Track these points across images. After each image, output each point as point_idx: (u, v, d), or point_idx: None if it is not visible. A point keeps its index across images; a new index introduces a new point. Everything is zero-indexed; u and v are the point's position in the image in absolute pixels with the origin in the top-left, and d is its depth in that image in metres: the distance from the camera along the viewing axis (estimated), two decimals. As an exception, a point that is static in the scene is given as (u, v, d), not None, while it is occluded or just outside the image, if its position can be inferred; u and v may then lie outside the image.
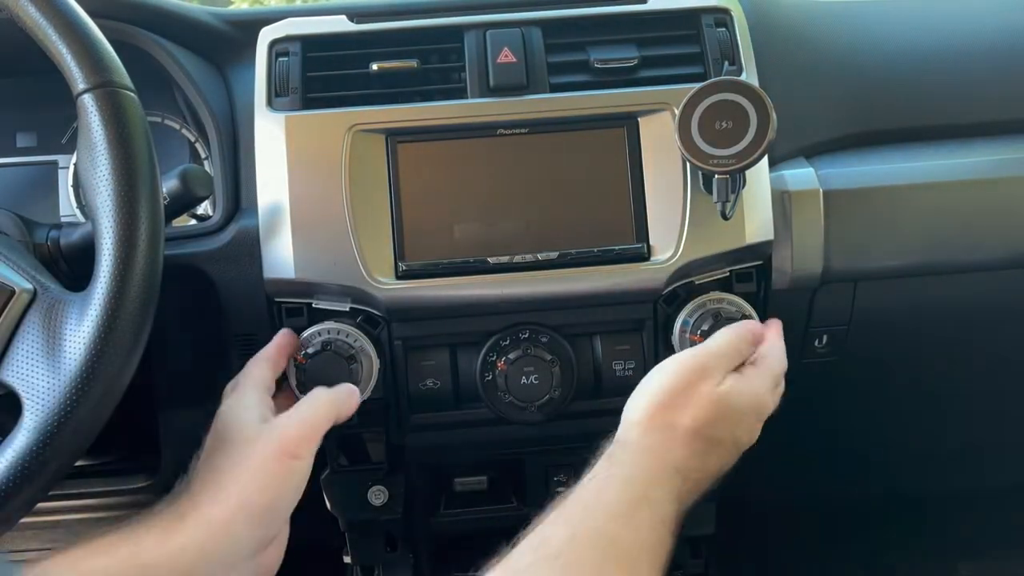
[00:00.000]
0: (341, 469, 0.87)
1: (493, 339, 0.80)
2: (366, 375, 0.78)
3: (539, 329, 0.80)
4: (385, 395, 0.81)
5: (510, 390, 0.79)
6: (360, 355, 0.77)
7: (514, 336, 0.80)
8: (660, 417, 0.66)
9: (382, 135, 0.79)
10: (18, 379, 0.59)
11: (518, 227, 0.80)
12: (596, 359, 0.83)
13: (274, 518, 0.65)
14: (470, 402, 0.83)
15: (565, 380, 0.80)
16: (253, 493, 0.63)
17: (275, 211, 0.79)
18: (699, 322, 0.79)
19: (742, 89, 0.74)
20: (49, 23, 0.61)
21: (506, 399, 0.80)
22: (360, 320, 0.80)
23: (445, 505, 0.92)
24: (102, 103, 0.61)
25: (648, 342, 0.82)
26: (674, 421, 0.66)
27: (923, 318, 0.93)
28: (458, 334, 0.82)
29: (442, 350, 0.82)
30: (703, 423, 0.66)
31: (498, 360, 0.80)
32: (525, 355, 0.79)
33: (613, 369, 0.82)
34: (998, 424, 1.15)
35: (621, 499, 0.61)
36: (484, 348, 0.80)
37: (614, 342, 0.82)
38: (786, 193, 0.83)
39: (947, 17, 0.98)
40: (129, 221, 0.59)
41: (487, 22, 0.83)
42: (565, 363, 0.80)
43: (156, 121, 0.94)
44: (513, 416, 0.80)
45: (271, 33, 0.83)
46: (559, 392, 0.79)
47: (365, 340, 0.78)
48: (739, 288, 0.82)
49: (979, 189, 0.86)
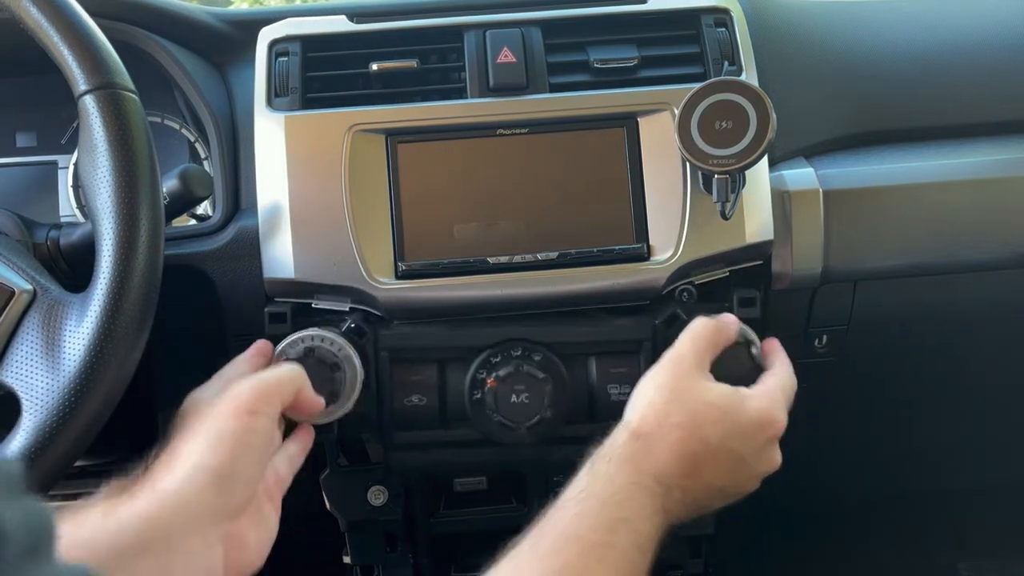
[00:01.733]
0: (341, 469, 0.87)
1: (483, 355, 0.78)
2: (349, 385, 0.75)
3: (532, 346, 0.78)
4: (367, 410, 0.79)
5: (499, 409, 0.76)
6: (344, 364, 0.75)
7: (505, 352, 0.78)
8: (646, 423, 0.65)
9: (382, 135, 0.79)
10: (17, 380, 0.59)
11: (518, 227, 0.79)
12: (591, 381, 0.80)
13: (234, 482, 0.59)
14: (457, 422, 0.80)
15: (557, 400, 0.77)
16: (205, 455, 0.58)
17: (275, 211, 0.79)
18: None
19: (742, 89, 0.74)
20: (51, 24, 0.61)
21: (495, 418, 0.77)
22: (346, 329, 0.78)
23: (445, 505, 0.92)
24: (103, 104, 0.61)
25: (645, 365, 0.77)
26: (658, 428, 0.65)
27: (923, 318, 0.93)
28: (447, 348, 0.80)
29: (429, 365, 0.80)
30: (690, 432, 0.64)
31: (488, 377, 0.77)
32: (516, 372, 0.77)
33: (608, 393, 0.80)
34: (998, 424, 1.15)
35: (597, 526, 0.59)
36: (474, 364, 0.78)
37: (610, 364, 0.80)
38: (786, 193, 0.83)
39: (947, 17, 0.98)
40: (129, 223, 0.59)
41: (487, 22, 0.83)
42: (558, 382, 0.77)
43: (156, 121, 0.94)
44: (502, 437, 0.77)
45: (271, 33, 0.83)
46: (551, 412, 0.77)
47: (350, 349, 0.75)
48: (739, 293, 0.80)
49: (979, 189, 0.86)
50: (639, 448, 0.64)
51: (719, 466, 0.66)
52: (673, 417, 0.65)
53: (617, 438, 0.65)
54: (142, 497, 0.55)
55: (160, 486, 0.56)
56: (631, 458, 0.63)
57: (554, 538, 0.58)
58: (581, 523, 0.59)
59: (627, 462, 0.63)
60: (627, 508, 0.60)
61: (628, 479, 0.62)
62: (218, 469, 0.58)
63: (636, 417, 0.66)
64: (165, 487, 0.56)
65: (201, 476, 0.57)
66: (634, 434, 0.65)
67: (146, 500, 0.55)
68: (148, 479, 0.58)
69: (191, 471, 0.57)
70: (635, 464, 0.63)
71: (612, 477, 0.62)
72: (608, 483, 0.62)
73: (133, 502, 0.55)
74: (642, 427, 0.65)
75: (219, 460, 0.58)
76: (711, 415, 0.66)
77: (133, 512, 0.54)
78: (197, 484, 0.57)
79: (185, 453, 0.59)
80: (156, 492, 0.56)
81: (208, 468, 0.58)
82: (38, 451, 0.57)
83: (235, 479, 0.59)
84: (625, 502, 0.61)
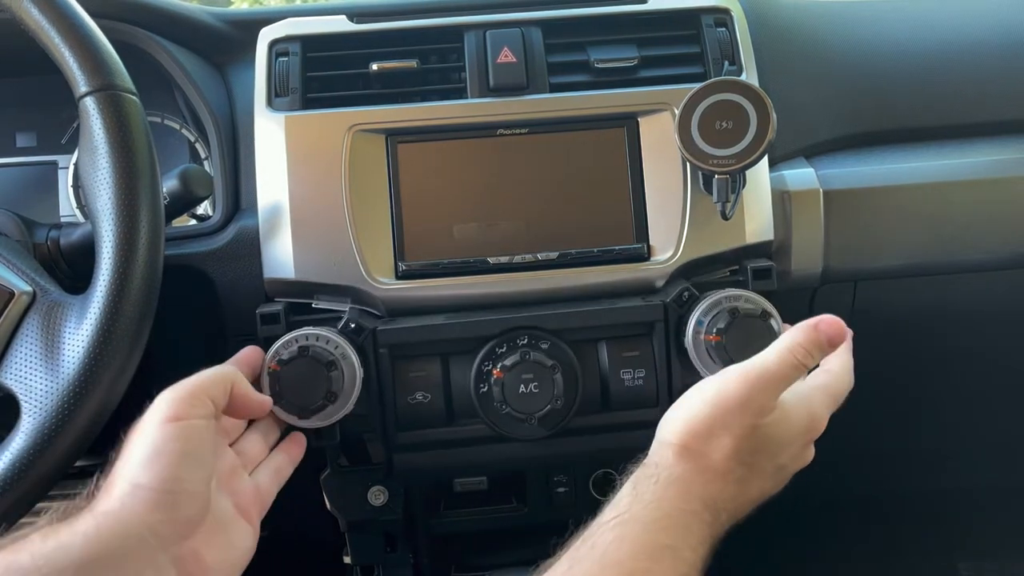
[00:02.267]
0: (341, 469, 0.87)
1: (488, 345, 0.76)
2: (348, 384, 0.73)
3: (539, 334, 0.76)
4: (369, 411, 0.77)
5: (507, 400, 0.74)
6: (341, 362, 0.73)
7: (511, 342, 0.76)
8: (695, 443, 0.59)
9: (382, 135, 0.79)
10: (17, 381, 0.59)
11: (518, 227, 0.79)
12: (602, 367, 0.78)
13: (176, 497, 0.55)
14: (465, 418, 0.78)
15: (568, 388, 0.75)
16: (138, 472, 0.55)
17: (275, 211, 0.79)
18: (715, 321, 0.74)
19: (742, 89, 0.74)
20: (52, 25, 0.61)
21: (503, 411, 0.75)
22: (343, 327, 0.76)
23: (445, 505, 0.92)
24: (104, 106, 0.61)
25: (659, 347, 0.77)
26: (710, 450, 0.59)
27: (923, 318, 0.93)
28: (450, 341, 0.77)
29: (432, 359, 0.78)
30: (745, 452, 0.59)
31: (494, 368, 0.75)
32: (523, 361, 0.75)
33: (621, 378, 0.77)
34: (998, 424, 1.15)
35: (638, 552, 0.55)
36: (479, 356, 0.76)
37: (621, 348, 0.78)
38: (786, 193, 0.83)
39: (947, 17, 0.98)
40: (129, 225, 0.59)
41: (487, 22, 0.83)
42: (567, 369, 0.75)
43: (156, 121, 0.94)
44: (512, 430, 0.75)
45: (271, 33, 0.83)
46: (562, 402, 0.75)
47: (347, 346, 0.73)
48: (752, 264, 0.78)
49: (979, 189, 0.86)
50: (689, 469, 0.59)
51: (764, 482, 0.62)
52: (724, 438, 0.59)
53: (663, 456, 0.60)
54: (82, 521, 0.52)
55: (99, 508, 0.53)
56: (680, 480, 0.59)
57: (591, 563, 0.55)
58: (621, 548, 0.55)
59: (675, 484, 0.58)
60: (672, 534, 0.56)
61: (675, 504, 0.57)
62: (155, 485, 0.54)
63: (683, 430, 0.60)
64: (104, 509, 0.53)
65: (139, 494, 0.54)
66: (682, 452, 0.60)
67: (85, 524, 0.52)
68: (89, 503, 0.55)
69: (128, 490, 0.54)
70: (684, 487, 0.58)
71: (658, 500, 0.58)
72: (653, 506, 0.57)
73: (73, 526, 0.52)
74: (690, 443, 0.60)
75: (154, 475, 0.55)
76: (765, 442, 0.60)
77: (73, 537, 0.51)
78: (135, 503, 0.54)
79: (121, 472, 0.55)
80: (95, 515, 0.53)
81: (144, 486, 0.54)
82: (38, 452, 0.57)
83: (176, 494, 0.55)
84: (671, 528, 0.56)
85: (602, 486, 0.89)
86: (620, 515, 0.57)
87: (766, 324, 0.73)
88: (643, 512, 0.57)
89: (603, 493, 0.88)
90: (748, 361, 0.61)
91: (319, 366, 0.72)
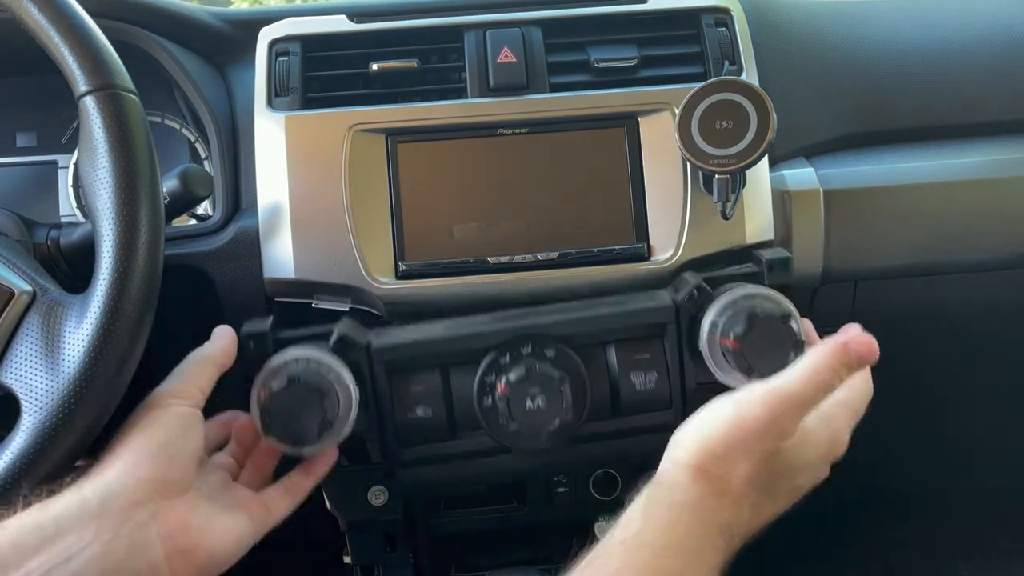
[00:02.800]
0: (341, 469, 0.86)
1: (490, 356, 0.73)
2: (343, 411, 0.69)
3: (543, 341, 0.73)
4: (368, 429, 0.75)
5: (514, 417, 0.71)
6: (335, 387, 0.68)
7: (515, 351, 0.73)
8: (712, 466, 0.56)
9: (382, 135, 0.79)
10: (17, 381, 0.59)
11: (518, 227, 0.79)
12: (611, 372, 0.75)
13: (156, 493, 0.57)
14: (468, 430, 0.76)
15: (577, 400, 0.72)
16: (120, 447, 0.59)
17: (275, 211, 0.79)
18: (730, 323, 0.69)
19: (742, 89, 0.74)
20: (51, 24, 0.61)
21: (511, 428, 0.71)
22: (333, 344, 0.73)
23: (445, 505, 0.92)
24: (104, 105, 0.61)
25: (671, 349, 0.75)
26: (727, 474, 0.56)
27: (923, 318, 0.93)
28: (450, 353, 0.75)
29: (432, 372, 0.75)
30: (764, 476, 0.56)
31: (497, 381, 0.72)
32: (529, 374, 0.71)
33: (632, 382, 0.74)
34: (999, 424, 1.15)
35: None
36: (481, 367, 0.74)
37: (631, 351, 0.75)
38: (786, 193, 0.83)
39: (947, 17, 0.98)
40: (129, 225, 0.59)
41: (487, 22, 0.83)
42: (575, 379, 0.72)
43: (156, 121, 0.94)
44: (520, 446, 0.73)
45: (271, 33, 0.83)
46: (571, 415, 0.71)
47: (341, 368, 0.70)
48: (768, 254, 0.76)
49: (979, 189, 0.86)
50: (705, 493, 0.56)
51: (778, 503, 0.60)
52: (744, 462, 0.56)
53: (677, 477, 0.57)
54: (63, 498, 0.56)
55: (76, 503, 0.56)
56: (695, 505, 0.56)
57: None
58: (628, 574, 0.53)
59: (689, 509, 0.55)
60: (683, 561, 0.54)
61: (689, 530, 0.55)
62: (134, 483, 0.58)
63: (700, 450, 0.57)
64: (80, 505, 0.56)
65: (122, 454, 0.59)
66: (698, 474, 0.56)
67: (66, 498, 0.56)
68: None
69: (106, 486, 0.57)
70: (699, 512, 0.55)
71: (671, 524, 0.55)
72: (667, 531, 0.55)
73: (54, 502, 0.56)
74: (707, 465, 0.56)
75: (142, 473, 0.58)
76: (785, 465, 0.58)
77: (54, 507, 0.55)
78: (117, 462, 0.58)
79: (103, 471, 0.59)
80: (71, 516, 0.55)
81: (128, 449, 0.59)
82: (38, 452, 0.57)
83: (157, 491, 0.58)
84: (682, 555, 0.54)
85: (603, 486, 0.89)
86: (630, 538, 0.55)
87: (786, 327, 0.69)
88: (655, 537, 0.54)
89: (603, 493, 0.88)
90: (771, 382, 0.57)
91: (313, 394, 0.68)
